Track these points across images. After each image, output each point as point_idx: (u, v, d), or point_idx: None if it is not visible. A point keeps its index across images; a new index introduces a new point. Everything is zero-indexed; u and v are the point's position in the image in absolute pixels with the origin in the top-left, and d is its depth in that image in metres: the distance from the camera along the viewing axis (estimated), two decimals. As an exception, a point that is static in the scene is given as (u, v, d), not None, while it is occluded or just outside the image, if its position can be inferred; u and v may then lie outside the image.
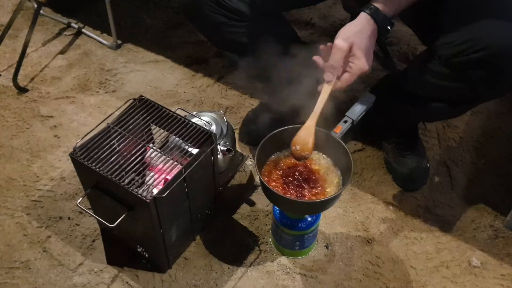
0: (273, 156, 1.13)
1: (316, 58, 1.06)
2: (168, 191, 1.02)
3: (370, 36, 1.03)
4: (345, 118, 1.08)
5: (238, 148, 1.46)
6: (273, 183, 1.09)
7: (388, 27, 1.07)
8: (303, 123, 1.06)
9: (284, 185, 1.08)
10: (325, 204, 1.06)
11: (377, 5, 1.04)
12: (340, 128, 1.07)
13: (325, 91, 1.04)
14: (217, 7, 1.18)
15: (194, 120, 1.22)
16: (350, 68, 1.03)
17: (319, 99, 1.05)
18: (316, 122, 1.05)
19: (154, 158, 1.14)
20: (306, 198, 1.07)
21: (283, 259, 1.26)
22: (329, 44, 1.05)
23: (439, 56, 1.10)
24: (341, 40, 1.01)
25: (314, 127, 1.05)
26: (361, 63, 1.02)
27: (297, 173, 1.10)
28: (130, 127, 1.13)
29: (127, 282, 1.21)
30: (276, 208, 1.19)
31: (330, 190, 1.08)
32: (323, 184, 1.09)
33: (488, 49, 1.00)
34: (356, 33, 1.02)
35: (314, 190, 1.08)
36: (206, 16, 1.19)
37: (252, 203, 1.37)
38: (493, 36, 1.00)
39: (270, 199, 1.10)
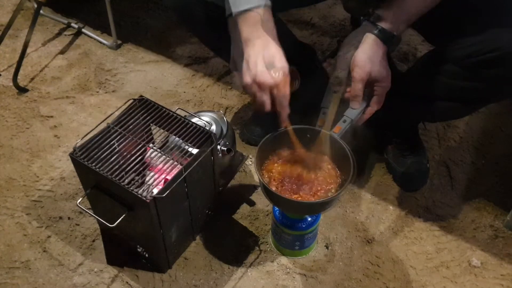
0: (273, 156, 1.13)
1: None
2: (168, 191, 1.02)
3: (382, 57, 1.05)
4: (344, 118, 1.08)
5: (238, 148, 1.46)
6: (273, 184, 1.08)
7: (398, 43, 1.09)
8: (304, 123, 1.07)
9: (284, 186, 1.08)
10: (325, 204, 1.06)
11: (383, 25, 1.05)
12: (340, 128, 1.07)
13: (335, 102, 1.08)
14: (206, 7, 1.15)
15: (194, 120, 1.22)
16: (376, 92, 1.06)
17: (326, 121, 1.08)
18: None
19: (154, 158, 1.14)
20: (306, 199, 1.06)
21: (283, 259, 1.26)
22: (348, 89, 1.09)
23: (452, 57, 1.10)
24: (359, 71, 1.04)
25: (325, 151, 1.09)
26: (384, 84, 1.06)
27: (297, 174, 1.10)
28: (130, 127, 1.13)
29: (127, 282, 1.21)
30: (276, 208, 1.19)
31: (331, 191, 1.08)
32: (324, 185, 1.09)
33: (503, 49, 1.00)
34: (369, 59, 1.04)
35: (314, 190, 1.08)
36: (197, 16, 1.18)
37: (252, 203, 1.37)
38: (507, 36, 1.01)
39: (270, 199, 1.10)
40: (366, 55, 1.04)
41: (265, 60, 0.97)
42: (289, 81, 0.99)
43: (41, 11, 1.80)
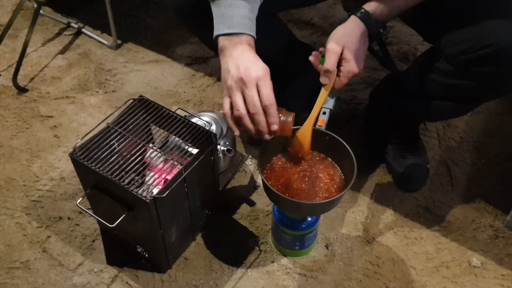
0: (275, 157, 1.13)
1: (313, 60, 1.07)
2: (168, 191, 1.02)
3: (359, 38, 1.04)
4: (323, 110, 1.08)
5: (238, 148, 1.46)
6: (276, 184, 1.08)
7: (381, 30, 1.08)
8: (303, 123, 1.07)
9: (287, 186, 1.08)
10: (329, 205, 1.06)
11: (368, 9, 1.05)
12: (322, 121, 1.08)
13: (321, 95, 1.06)
14: (206, 6, 1.15)
15: (194, 120, 1.22)
16: (340, 72, 1.04)
17: (316, 103, 1.06)
18: (313, 124, 1.06)
19: (154, 158, 1.14)
20: (308, 200, 1.06)
21: (283, 259, 1.26)
22: (321, 49, 1.07)
23: (445, 55, 1.10)
24: (334, 43, 1.03)
25: (310, 130, 1.06)
26: (350, 66, 1.03)
27: (299, 174, 1.10)
28: (130, 127, 1.13)
29: (127, 282, 1.21)
30: (276, 208, 1.19)
31: (333, 191, 1.08)
32: (325, 185, 1.09)
33: (495, 45, 1.00)
34: (346, 35, 1.03)
35: (316, 191, 1.08)
36: (196, 16, 1.17)
37: (252, 203, 1.37)
38: (499, 32, 1.00)
39: (273, 200, 1.10)
40: (343, 31, 1.04)
41: (244, 64, 0.94)
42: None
43: (41, 11, 1.80)
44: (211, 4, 1.01)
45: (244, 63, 0.93)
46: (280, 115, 0.98)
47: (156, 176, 1.07)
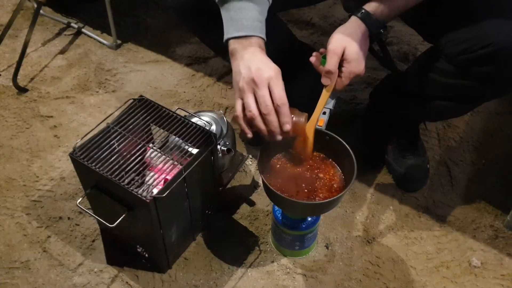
0: (275, 157, 1.13)
1: (314, 61, 1.07)
2: (168, 191, 1.02)
3: (361, 39, 1.04)
4: (323, 110, 1.08)
5: (238, 148, 1.46)
6: (276, 184, 1.08)
7: (381, 30, 1.08)
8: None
9: (287, 186, 1.08)
10: (329, 205, 1.06)
11: (368, 9, 1.05)
12: (323, 121, 1.08)
13: (323, 96, 1.06)
14: (206, 6, 1.15)
15: (194, 120, 1.22)
16: (342, 72, 1.04)
17: (317, 104, 1.06)
18: (315, 126, 1.06)
19: (154, 158, 1.14)
20: (309, 200, 1.06)
21: (283, 259, 1.26)
22: (322, 50, 1.07)
23: (445, 54, 1.10)
24: (335, 44, 1.03)
25: (313, 131, 1.06)
26: (352, 67, 1.03)
27: (299, 174, 1.10)
28: (130, 127, 1.13)
29: (127, 282, 1.21)
30: (276, 208, 1.19)
31: (333, 192, 1.08)
32: (326, 185, 1.09)
33: (495, 45, 1.00)
34: (347, 36, 1.03)
35: (317, 191, 1.08)
36: (197, 16, 1.18)
37: (252, 203, 1.37)
38: (499, 32, 1.00)
39: (273, 200, 1.10)
40: (344, 31, 1.04)
41: (255, 65, 0.94)
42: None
43: (41, 11, 1.80)
44: (220, 8, 1.00)
45: (255, 64, 0.93)
46: (293, 115, 0.98)
47: (156, 176, 1.07)
